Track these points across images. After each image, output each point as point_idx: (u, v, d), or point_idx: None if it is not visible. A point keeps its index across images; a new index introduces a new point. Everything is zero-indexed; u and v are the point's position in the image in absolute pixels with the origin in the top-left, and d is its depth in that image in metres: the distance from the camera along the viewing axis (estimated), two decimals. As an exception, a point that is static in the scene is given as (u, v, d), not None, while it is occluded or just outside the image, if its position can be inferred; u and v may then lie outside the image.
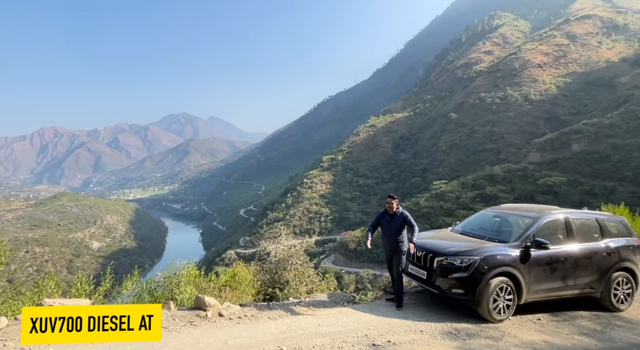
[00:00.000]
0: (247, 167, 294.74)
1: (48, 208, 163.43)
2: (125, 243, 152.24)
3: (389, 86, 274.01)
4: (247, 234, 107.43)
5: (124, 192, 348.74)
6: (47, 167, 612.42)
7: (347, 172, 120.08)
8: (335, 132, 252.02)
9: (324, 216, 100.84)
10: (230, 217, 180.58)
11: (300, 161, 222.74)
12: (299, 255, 10.65)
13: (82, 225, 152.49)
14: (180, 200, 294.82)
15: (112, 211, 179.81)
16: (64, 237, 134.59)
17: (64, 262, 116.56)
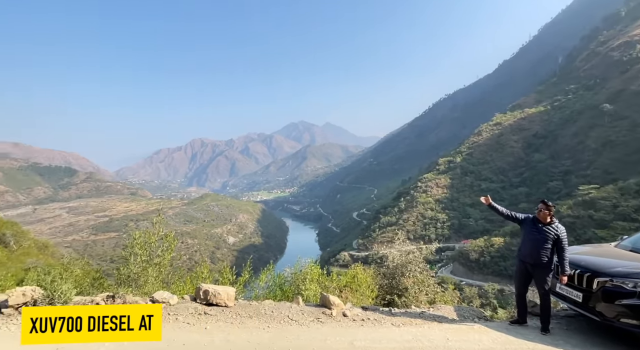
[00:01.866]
0: (360, 170, 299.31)
1: (196, 206, 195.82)
2: (254, 239, 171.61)
3: (518, 79, 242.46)
4: (360, 237, 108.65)
5: (253, 194, 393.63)
6: (196, 172, 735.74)
7: (467, 175, 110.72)
8: (453, 132, 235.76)
9: (440, 222, 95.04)
10: (344, 219, 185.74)
11: (414, 164, 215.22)
12: (418, 262, 10.23)
13: (221, 222, 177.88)
14: (299, 202, 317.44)
15: (244, 211, 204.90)
16: (208, 231, 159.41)
17: (207, 253, 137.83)
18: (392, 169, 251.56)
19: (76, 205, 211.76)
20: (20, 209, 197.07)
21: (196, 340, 4.70)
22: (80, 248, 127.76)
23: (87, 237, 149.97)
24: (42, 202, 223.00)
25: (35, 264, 37.72)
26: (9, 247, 47.09)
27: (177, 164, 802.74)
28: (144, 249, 6.84)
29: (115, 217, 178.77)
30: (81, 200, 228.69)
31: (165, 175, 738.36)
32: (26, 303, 5.10)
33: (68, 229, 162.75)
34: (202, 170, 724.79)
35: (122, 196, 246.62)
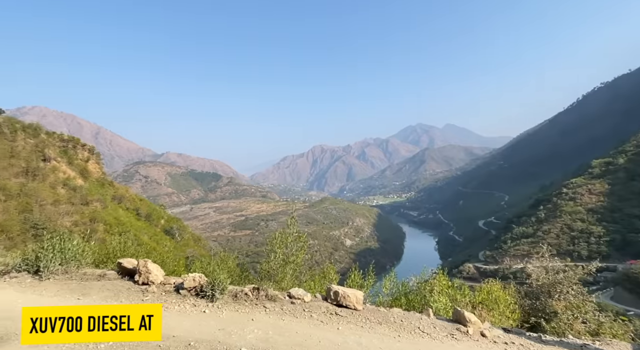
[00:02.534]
0: (486, 174, 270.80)
1: (317, 209, 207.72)
2: (370, 243, 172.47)
3: None
4: (488, 248, 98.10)
5: (369, 198, 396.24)
6: (316, 177, 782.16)
7: (633, 180, 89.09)
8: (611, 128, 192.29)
9: (594, 236, 78.70)
10: (467, 228, 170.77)
11: (555, 167, 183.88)
12: (571, 282, 8.70)
13: (339, 225, 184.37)
14: (416, 207, 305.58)
15: (360, 214, 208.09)
16: (327, 233, 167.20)
17: (326, 254, 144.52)
18: (527, 172, 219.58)
19: (220, 206, 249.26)
20: (181, 208, 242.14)
21: (330, 339, 4.92)
22: (223, 242, 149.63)
23: (228, 233, 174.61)
24: (196, 202, 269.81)
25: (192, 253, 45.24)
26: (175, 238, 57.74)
27: (300, 170, 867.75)
28: (281, 248, 7.53)
29: (250, 216, 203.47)
30: (224, 201, 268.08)
31: (290, 179, 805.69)
32: (195, 287, 6.19)
33: (214, 225, 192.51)
34: (321, 175, 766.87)
35: (255, 198, 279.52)
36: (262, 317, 5.49)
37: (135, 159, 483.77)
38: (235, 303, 5.92)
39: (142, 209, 56.62)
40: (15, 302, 5.25)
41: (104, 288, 6.02)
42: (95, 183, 50.18)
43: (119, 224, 40.76)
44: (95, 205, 40.89)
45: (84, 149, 54.47)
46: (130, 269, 6.71)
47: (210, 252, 63.81)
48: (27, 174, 35.72)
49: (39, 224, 28.04)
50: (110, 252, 9.13)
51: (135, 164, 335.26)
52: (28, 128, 43.64)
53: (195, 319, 5.23)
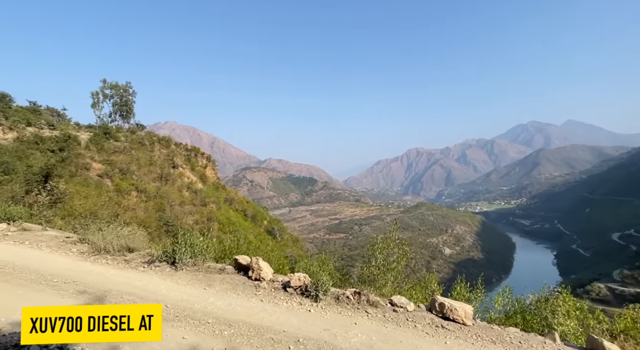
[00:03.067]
0: (623, 178, 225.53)
1: (412, 215, 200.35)
2: (473, 253, 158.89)
3: None
4: (626, 267, 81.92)
5: (471, 204, 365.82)
6: (411, 181, 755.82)
7: None
8: None
9: None
10: (596, 240, 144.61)
11: None
12: None
13: (437, 232, 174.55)
14: (528, 216, 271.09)
15: (461, 222, 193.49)
16: (423, 240, 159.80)
17: (423, 262, 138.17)
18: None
19: (316, 209, 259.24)
20: (281, 210, 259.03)
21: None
22: (319, 244, 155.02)
23: (323, 235, 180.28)
24: (294, 205, 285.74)
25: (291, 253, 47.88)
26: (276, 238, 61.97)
27: (394, 174, 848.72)
28: (382, 253, 7.46)
29: (344, 220, 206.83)
30: (319, 205, 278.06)
31: (384, 184, 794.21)
32: (300, 286, 6.54)
33: (310, 227, 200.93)
34: (417, 179, 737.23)
35: (348, 202, 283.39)
36: (364, 321, 5.52)
37: (242, 165, 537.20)
38: (337, 305, 6.07)
39: (249, 210, 62.25)
40: (159, 287, 6.28)
41: (224, 281, 6.79)
42: (211, 187, 57.02)
43: (229, 223, 45.58)
44: (211, 206, 46.48)
45: (203, 157, 62.45)
46: (244, 265, 7.43)
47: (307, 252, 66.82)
48: (161, 179, 42.51)
49: (169, 221, 33.08)
50: (226, 248, 10.26)
51: (243, 170, 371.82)
52: (162, 140, 52.02)
53: (302, 317, 5.52)
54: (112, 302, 5.48)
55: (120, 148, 40.08)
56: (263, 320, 5.29)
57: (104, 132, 40.95)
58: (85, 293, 5.72)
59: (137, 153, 42.03)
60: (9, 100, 37.63)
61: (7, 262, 6.70)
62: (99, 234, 8.04)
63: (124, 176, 35.88)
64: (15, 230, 9.01)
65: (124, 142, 42.08)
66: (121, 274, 6.82)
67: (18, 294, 5.44)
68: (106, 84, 46.85)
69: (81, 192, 26.31)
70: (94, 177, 32.20)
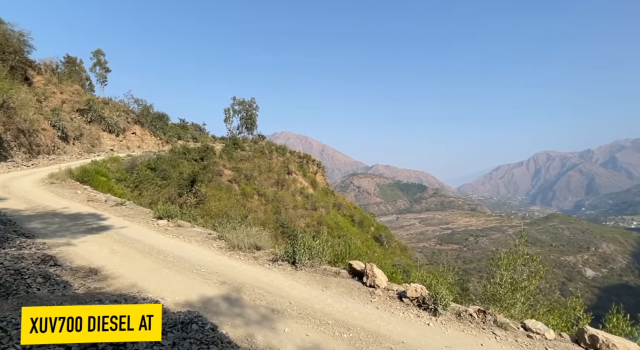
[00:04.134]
0: None
1: (541, 228, 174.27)
2: (626, 278, 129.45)
3: None
4: None
5: (624, 218, 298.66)
6: (540, 189, 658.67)
7: None
8: None
9: None
10: None
11: None
12: None
13: (574, 249, 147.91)
14: None
15: (609, 239, 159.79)
16: (556, 258, 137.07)
17: (556, 283, 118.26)
18: None
19: (425, 217, 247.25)
20: (388, 217, 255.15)
21: (589, 395, 3.94)
22: (429, 254, 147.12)
23: (434, 245, 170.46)
24: (402, 212, 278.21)
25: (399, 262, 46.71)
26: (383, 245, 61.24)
27: (518, 180, 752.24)
28: (509, 270, 6.70)
29: (457, 230, 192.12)
30: (429, 213, 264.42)
31: (505, 192, 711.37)
32: (417, 298, 6.32)
33: (419, 236, 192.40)
34: (547, 187, 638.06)
35: (462, 211, 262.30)
36: (492, 344, 5.01)
37: (350, 171, 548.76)
38: (459, 322, 5.66)
39: (356, 215, 63.11)
40: (283, 284, 6.85)
41: (340, 284, 7.01)
42: (321, 192, 59.79)
43: (338, 228, 46.97)
44: (321, 211, 48.70)
45: (314, 163, 66.10)
46: (358, 270, 7.55)
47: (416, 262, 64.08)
48: (277, 184, 46.51)
49: (284, 223, 35.87)
50: (339, 253, 10.59)
51: (350, 176, 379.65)
52: (279, 149, 57.04)
53: (420, 330, 5.32)
54: (246, 294, 6.20)
55: (245, 156, 45.38)
56: (380, 328, 5.28)
57: (233, 143, 46.97)
58: (225, 284, 6.60)
59: (259, 161, 46.95)
60: (166, 119, 46.50)
61: (169, 253, 8.21)
62: (233, 232, 9.21)
63: (248, 181, 40.41)
64: (173, 226, 10.98)
65: (248, 151, 47.54)
66: (251, 269, 7.67)
67: (177, 280, 6.60)
68: (235, 100, 53.77)
69: (216, 195, 30.65)
70: (225, 182, 37.08)
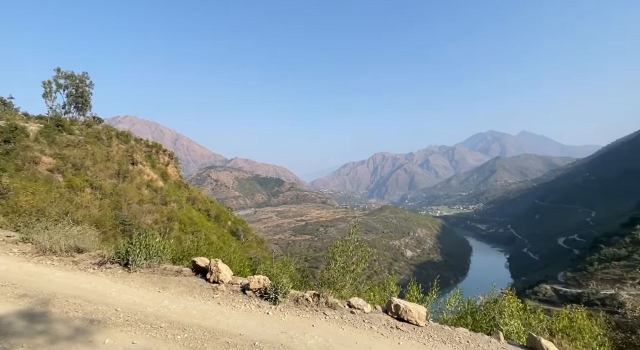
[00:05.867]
0: (569, 187, 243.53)
1: (376, 217, 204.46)
2: (432, 256, 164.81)
3: None
4: (569, 269, 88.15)
5: (432, 208, 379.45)
6: (376, 185, 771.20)
7: None
8: None
9: None
10: (544, 245, 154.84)
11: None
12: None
13: (399, 235, 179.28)
14: (485, 220, 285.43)
15: (422, 225, 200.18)
16: (386, 243, 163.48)
17: (385, 264, 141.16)
18: (621, 186, 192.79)
19: (282, 210, 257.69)
20: (246, 211, 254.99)
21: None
22: (284, 246, 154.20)
23: (289, 237, 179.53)
24: (260, 206, 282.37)
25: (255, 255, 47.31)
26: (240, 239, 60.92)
27: (360, 177, 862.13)
28: (342, 257, 7.57)
29: (310, 222, 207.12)
30: (286, 206, 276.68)
31: (350, 187, 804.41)
32: (260, 289, 6.49)
33: (276, 229, 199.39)
34: (382, 183, 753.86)
35: (314, 204, 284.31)
36: (322, 323, 5.57)
37: (207, 164, 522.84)
38: (296, 307, 6.08)
39: (212, 210, 60.73)
40: (109, 290, 5.99)
41: (180, 284, 6.59)
42: (173, 185, 55.04)
43: (192, 224, 44.22)
44: (172, 206, 44.86)
45: (165, 154, 60.17)
46: (202, 267, 7.26)
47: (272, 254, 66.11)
48: (118, 176, 40.47)
49: (126, 220, 31.56)
50: (185, 250, 9.97)
51: (207, 169, 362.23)
52: (121, 135, 49.58)
53: (260, 320, 5.48)
54: (56, 306, 5.16)
55: (74, 142, 37.75)
56: (219, 324, 5.20)
57: (56, 124, 38.42)
58: (26, 296, 5.34)
59: (93, 148, 39.76)
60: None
61: None
62: (44, 233, 7.53)
63: (77, 172, 33.83)
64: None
65: (78, 136, 39.69)
66: (68, 275, 6.44)
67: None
68: (60, 73, 43.93)
69: (28, 188, 24.47)
70: (44, 172, 30.11)
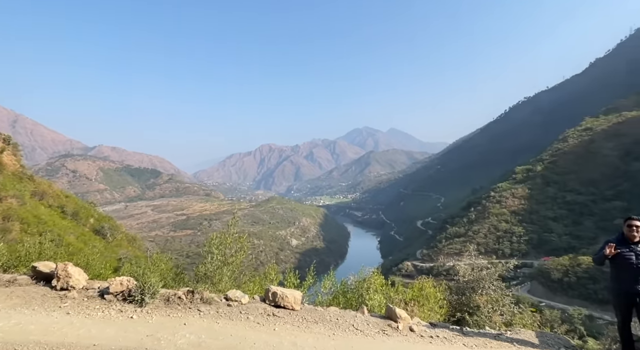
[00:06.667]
0: (426, 178, 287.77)
1: (263, 209, 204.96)
2: (316, 243, 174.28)
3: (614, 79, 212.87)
4: (425, 247, 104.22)
5: (316, 198, 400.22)
6: (263, 176, 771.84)
7: (549, 185, 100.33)
8: (533, 139, 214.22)
9: (516, 236, 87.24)
10: (408, 228, 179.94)
11: (486, 173, 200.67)
12: (492, 279, 9.52)
13: (285, 225, 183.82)
14: (361, 208, 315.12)
15: (307, 214, 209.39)
16: (273, 233, 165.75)
17: (272, 254, 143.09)
18: (462, 177, 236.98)
19: (159, 204, 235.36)
20: (115, 206, 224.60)
21: (265, 341, 4.89)
22: (162, 243, 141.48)
23: (168, 233, 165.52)
24: (132, 200, 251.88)
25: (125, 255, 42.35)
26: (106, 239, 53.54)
27: (247, 168, 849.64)
28: (220, 249, 7.32)
29: (192, 216, 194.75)
30: (164, 200, 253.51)
31: (236, 178, 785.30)
32: (123, 291, 5.78)
33: (152, 225, 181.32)
34: (269, 175, 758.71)
35: (198, 197, 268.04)
36: (195, 320, 5.30)
37: (61, 152, 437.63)
38: (167, 307, 5.64)
39: (69, 206, 51.33)
40: None
41: (13, 295, 5.40)
42: (11, 177, 44.57)
43: (39, 223, 36.57)
44: (10, 202, 36.25)
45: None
46: (48, 274, 6.10)
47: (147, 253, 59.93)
48: None
49: (-64, 222, 24.21)
50: (24, 255, 8.18)
51: (62, 157, 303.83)
52: None
53: (121, 326, 4.89)
54: None
55: None
56: (66, 337, 4.44)
57: None
58: None
59: None
60: None
61: None
62: None
63: None
64: None
65: None
66: None
67: None
68: None
69: None
70: None
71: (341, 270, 10.81)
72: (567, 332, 19.90)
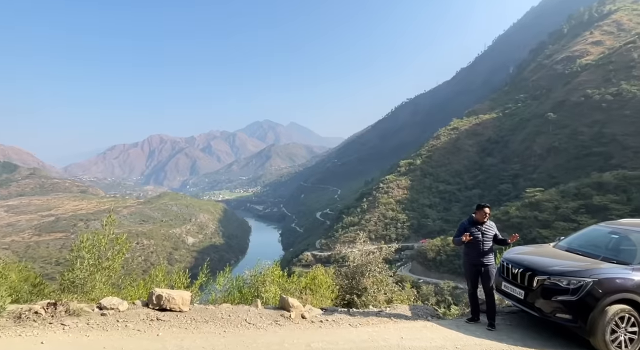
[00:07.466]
0: (324, 171, 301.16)
1: (154, 206, 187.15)
2: (215, 240, 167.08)
3: (474, 86, 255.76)
4: (323, 237, 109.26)
5: (214, 193, 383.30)
6: (153, 170, 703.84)
7: (425, 177, 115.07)
8: (414, 136, 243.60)
9: (400, 222, 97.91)
10: (308, 219, 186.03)
11: (377, 166, 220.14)
12: (377, 262, 10.43)
13: (180, 222, 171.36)
14: (262, 202, 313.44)
15: (204, 210, 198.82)
16: (166, 232, 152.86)
17: (165, 254, 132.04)
18: (356, 170, 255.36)
19: (17, 204, 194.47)
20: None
21: (146, 348, 4.49)
22: (21, 250, 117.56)
23: (30, 237, 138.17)
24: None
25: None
26: None
27: (133, 161, 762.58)
28: (92, 253, 6.42)
29: (63, 216, 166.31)
30: (23, 198, 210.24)
31: (120, 172, 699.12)
32: (-49, 314, 4.62)
33: (7, 229, 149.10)
34: (160, 168, 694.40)
35: (70, 194, 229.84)
36: (57, 337, 4.54)
37: None
38: (17, 326, 4.70)
39: None
40: None
41: None
42: None
43: None
44: None
45: None
46: None
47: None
48: None
49: None
50: None
51: None
52: None
53: (-54, 358, 3.90)
54: None
55: None
56: None
57: None
58: None
59: None
60: None
61: None
62: None
63: None
64: None
65: None
66: None
67: None
68: None
69: None
70: None
71: (242, 265, 10.58)
72: (437, 302, 23.26)
